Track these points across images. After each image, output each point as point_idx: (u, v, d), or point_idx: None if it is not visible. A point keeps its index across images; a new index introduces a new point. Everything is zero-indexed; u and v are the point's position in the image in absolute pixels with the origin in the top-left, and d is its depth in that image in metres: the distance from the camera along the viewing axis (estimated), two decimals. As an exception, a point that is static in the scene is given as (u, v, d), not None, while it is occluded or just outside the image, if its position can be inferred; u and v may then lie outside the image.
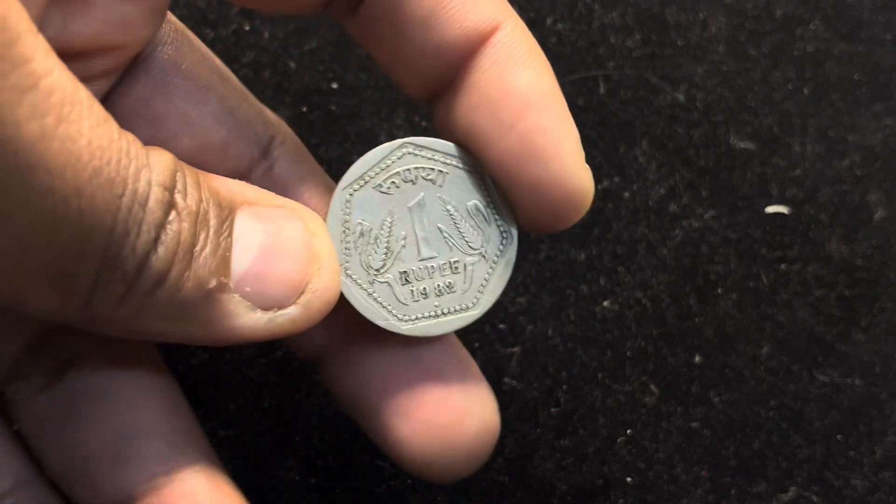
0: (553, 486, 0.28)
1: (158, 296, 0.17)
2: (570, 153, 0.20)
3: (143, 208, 0.17)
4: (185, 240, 0.18)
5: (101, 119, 0.16)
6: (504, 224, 0.22)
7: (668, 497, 0.28)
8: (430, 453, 0.21)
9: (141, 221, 0.17)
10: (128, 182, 0.16)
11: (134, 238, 0.17)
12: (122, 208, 0.16)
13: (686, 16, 0.32)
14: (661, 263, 0.30)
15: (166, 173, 0.17)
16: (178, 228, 0.17)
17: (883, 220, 0.30)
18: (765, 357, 0.29)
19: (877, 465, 0.28)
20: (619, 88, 0.31)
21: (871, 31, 0.32)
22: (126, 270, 0.17)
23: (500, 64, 0.20)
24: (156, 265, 0.17)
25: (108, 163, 0.16)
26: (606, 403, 0.28)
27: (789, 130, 0.31)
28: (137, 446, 0.21)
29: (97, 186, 0.16)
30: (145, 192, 0.17)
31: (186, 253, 0.18)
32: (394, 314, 0.21)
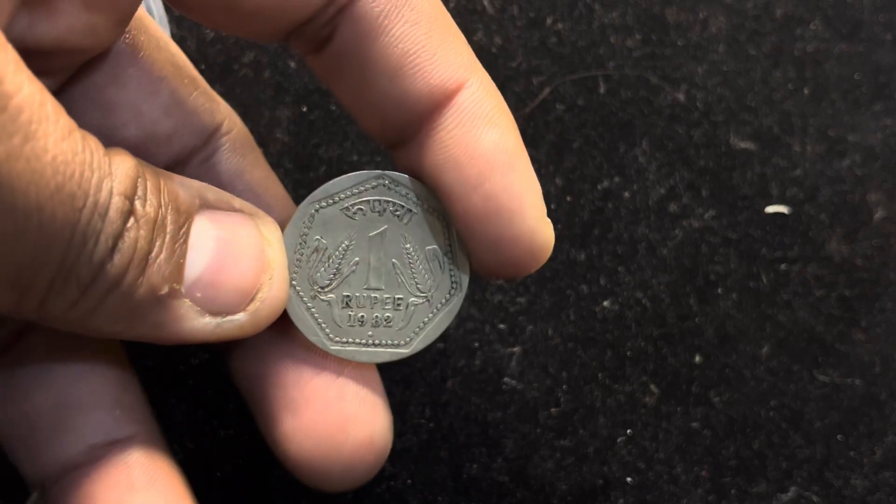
0: (553, 486, 0.28)
1: (111, 300, 0.18)
2: (534, 210, 0.20)
3: (102, 219, 0.17)
4: (142, 247, 0.18)
5: (66, 132, 0.16)
6: (457, 274, 0.22)
7: (668, 497, 0.28)
8: (310, 453, 0.21)
9: (99, 232, 0.17)
10: (89, 194, 0.17)
11: (91, 247, 0.17)
12: (81, 220, 0.17)
13: (686, 16, 0.32)
14: (661, 263, 0.30)
15: (127, 181, 0.17)
16: (135, 236, 0.18)
17: (883, 220, 0.30)
18: (765, 357, 0.29)
19: (877, 465, 0.28)
20: (619, 88, 0.31)
21: (871, 31, 0.32)
22: (81, 277, 0.17)
23: (466, 124, 0.20)
24: (111, 272, 0.17)
25: (70, 177, 0.16)
26: (606, 403, 0.28)
27: (789, 130, 0.31)
28: (78, 417, 0.21)
29: (58, 202, 0.16)
30: (105, 203, 0.17)
31: (141, 260, 0.18)
32: (326, 333, 0.22)
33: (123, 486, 0.21)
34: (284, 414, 0.21)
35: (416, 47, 0.20)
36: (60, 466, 0.21)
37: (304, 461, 0.21)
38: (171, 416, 0.27)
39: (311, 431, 0.21)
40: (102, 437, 0.21)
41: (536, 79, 0.31)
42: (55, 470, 0.21)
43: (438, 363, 0.28)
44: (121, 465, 0.21)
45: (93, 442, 0.21)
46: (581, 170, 0.30)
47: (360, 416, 0.22)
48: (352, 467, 0.22)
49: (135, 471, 0.21)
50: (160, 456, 0.22)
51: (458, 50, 0.21)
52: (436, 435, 0.28)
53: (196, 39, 0.30)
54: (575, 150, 0.30)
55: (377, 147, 0.30)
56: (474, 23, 0.31)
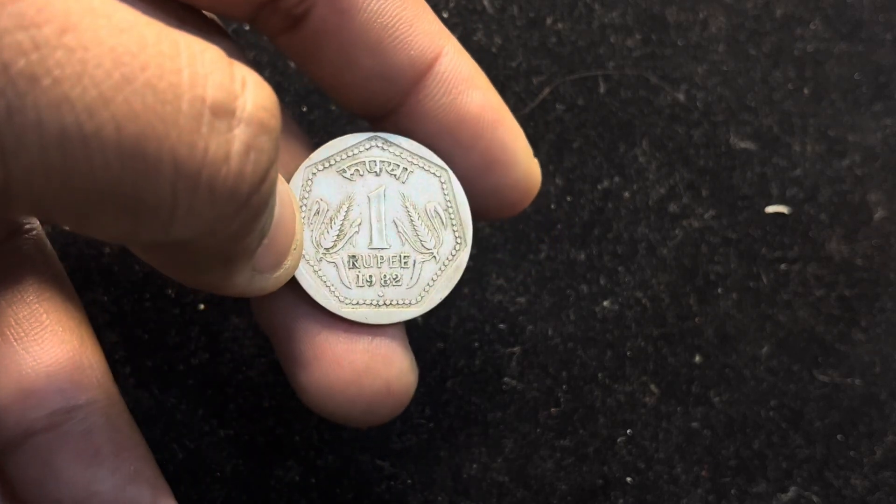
0: (553, 486, 0.28)
1: (243, 242, 0.17)
2: (525, 155, 0.22)
3: (227, 120, 0.15)
4: (271, 192, 0.17)
5: (126, 25, 0.14)
6: (460, 229, 0.22)
7: (668, 497, 0.28)
8: (326, 404, 0.22)
9: (229, 137, 0.15)
10: (182, 90, 0.14)
11: (220, 154, 0.15)
12: (183, 113, 0.14)
13: (686, 16, 0.32)
14: (661, 263, 0.30)
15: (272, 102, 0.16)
16: (274, 179, 0.16)
17: (883, 220, 0.30)
18: (765, 357, 0.29)
19: (877, 465, 0.28)
20: (619, 88, 0.31)
21: (871, 31, 0.32)
22: (217, 193, 0.15)
23: (451, 90, 0.21)
24: (257, 205, 0.16)
25: (142, 68, 0.14)
26: (606, 403, 0.28)
27: (789, 130, 0.31)
28: (37, 382, 0.21)
29: (132, 93, 0.14)
30: (225, 103, 0.15)
31: (268, 204, 0.17)
32: (336, 296, 0.22)
33: (88, 454, 0.21)
34: (297, 369, 0.22)
35: (393, 20, 0.20)
36: (21, 433, 0.21)
37: (323, 410, 0.22)
38: (171, 416, 0.27)
39: (323, 386, 0.21)
40: (63, 403, 0.21)
41: (536, 79, 0.31)
42: (15, 436, 0.21)
43: (438, 363, 0.28)
44: (84, 433, 0.21)
45: (54, 408, 0.21)
46: (581, 170, 0.30)
47: (373, 368, 0.22)
48: (372, 412, 0.22)
49: (98, 438, 0.21)
50: (124, 422, 0.21)
51: (430, 18, 0.21)
52: (436, 435, 0.28)
53: (196, 39, 0.30)
54: (575, 150, 0.30)
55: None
56: (474, 23, 0.31)
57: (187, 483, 0.27)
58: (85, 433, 0.21)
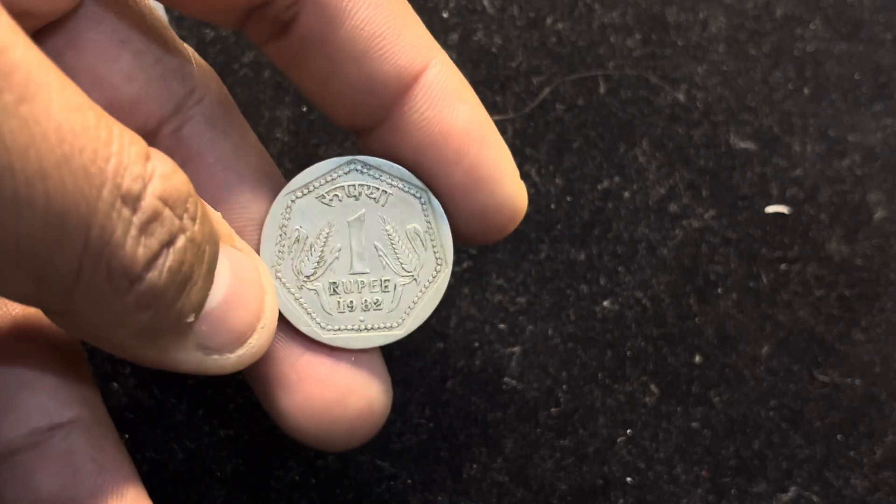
0: (553, 486, 0.28)
1: (144, 311, 0.17)
2: (511, 176, 0.21)
3: (131, 207, 0.16)
4: (188, 267, 0.17)
5: (74, 105, 0.15)
6: (440, 250, 0.22)
7: (668, 497, 0.28)
8: (308, 427, 0.21)
9: (129, 223, 0.16)
10: (106, 176, 0.15)
11: (121, 236, 0.16)
12: (102, 199, 0.15)
13: (686, 16, 0.32)
14: (661, 263, 0.30)
15: (172, 190, 0.17)
16: (182, 254, 0.17)
17: (883, 220, 0.30)
18: (765, 357, 0.29)
19: (877, 465, 0.28)
20: (619, 88, 0.31)
21: (871, 31, 0.32)
22: (113, 269, 0.16)
23: (437, 103, 0.21)
24: (153, 280, 0.17)
25: (80, 151, 0.15)
26: (606, 403, 0.28)
27: (789, 130, 0.31)
28: (19, 398, 0.21)
29: (68, 172, 0.15)
30: (134, 192, 0.16)
31: (186, 280, 0.17)
32: (317, 322, 0.22)
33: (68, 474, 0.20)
34: (279, 392, 0.21)
35: (381, 29, 0.20)
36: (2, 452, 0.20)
37: (304, 434, 0.22)
38: (171, 416, 0.27)
39: (307, 408, 0.21)
40: (45, 421, 0.21)
41: (536, 79, 0.31)
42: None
43: (438, 363, 0.28)
44: (64, 452, 0.20)
45: (35, 426, 0.21)
46: (581, 170, 0.30)
47: (356, 388, 0.22)
48: (352, 434, 0.22)
49: (79, 457, 0.20)
50: (107, 440, 0.21)
51: (418, 30, 0.21)
52: (436, 435, 0.28)
53: (196, 39, 0.30)
54: (575, 150, 0.30)
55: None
56: (474, 23, 0.31)
57: (187, 483, 0.27)
58: (66, 452, 0.20)
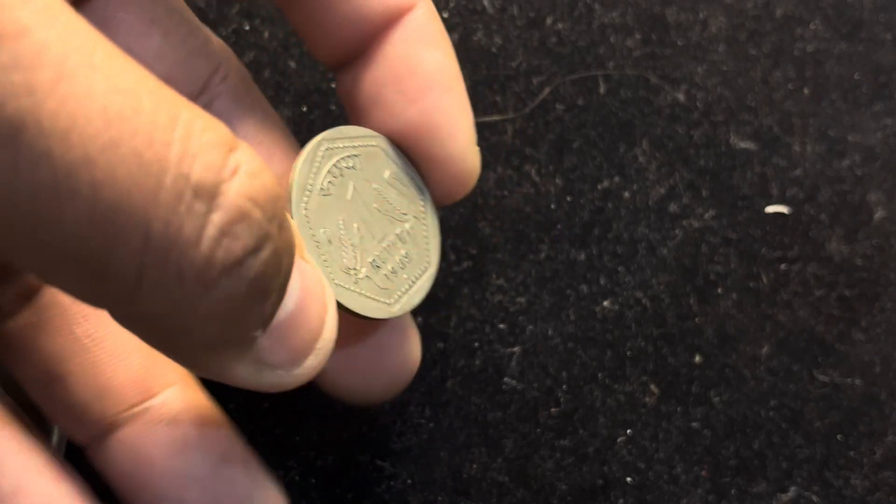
0: (553, 486, 0.28)
1: (213, 324, 0.15)
2: (466, 133, 0.21)
3: (207, 203, 0.14)
4: (266, 280, 0.16)
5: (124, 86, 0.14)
6: (417, 179, 0.22)
7: (668, 497, 0.28)
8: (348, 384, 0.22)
9: (206, 220, 0.14)
10: (167, 164, 0.14)
11: (193, 236, 0.14)
12: (165, 189, 0.14)
13: (686, 16, 0.32)
14: (661, 263, 0.30)
15: (263, 192, 0.15)
16: (265, 265, 0.15)
17: (883, 220, 0.30)
18: (765, 357, 0.29)
19: (877, 465, 0.28)
20: (619, 88, 0.31)
21: (871, 31, 0.32)
22: (184, 272, 0.14)
23: (411, 42, 0.21)
24: (230, 290, 0.15)
25: (132, 135, 0.13)
26: (606, 403, 0.28)
27: (789, 130, 0.31)
28: (115, 377, 0.20)
29: (117, 159, 0.13)
30: (208, 185, 0.14)
31: (263, 293, 0.16)
32: (383, 301, 0.22)
33: (177, 442, 0.20)
34: None
35: None
36: (104, 428, 0.20)
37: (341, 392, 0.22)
38: (171, 416, 0.27)
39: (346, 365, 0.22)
40: (141, 395, 0.20)
41: (536, 79, 0.31)
42: (99, 431, 0.20)
43: (438, 363, 0.28)
44: (169, 422, 0.20)
45: (133, 401, 0.20)
46: (581, 170, 0.30)
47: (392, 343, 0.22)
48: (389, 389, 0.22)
49: (183, 425, 0.20)
50: (204, 405, 0.21)
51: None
52: (436, 435, 0.28)
53: (196, 39, 0.30)
54: (575, 150, 0.30)
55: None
56: (474, 23, 0.31)
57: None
58: (170, 422, 0.20)
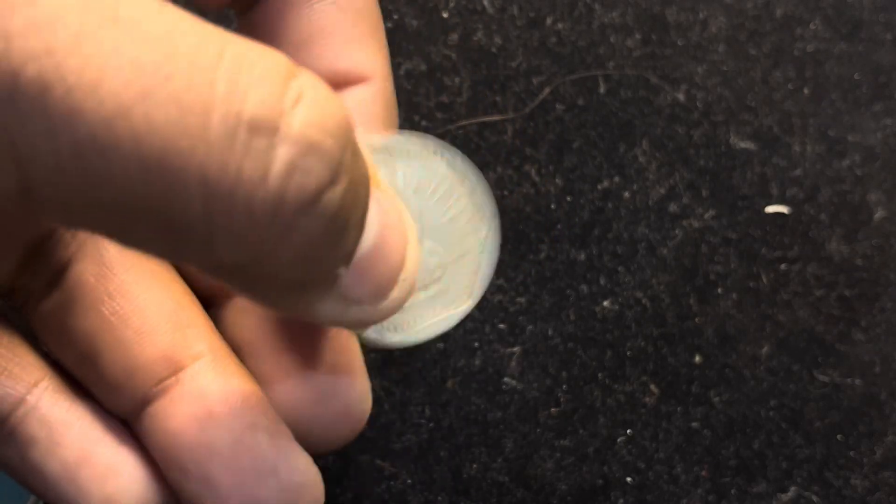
0: (553, 486, 0.28)
1: (296, 267, 0.15)
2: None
3: (267, 138, 0.13)
4: (345, 214, 0.15)
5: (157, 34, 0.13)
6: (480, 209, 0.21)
7: (668, 497, 0.28)
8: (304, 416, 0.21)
9: (270, 156, 0.13)
10: (212, 103, 0.13)
11: (257, 174, 0.13)
12: (212, 129, 0.13)
13: (686, 16, 0.32)
14: (661, 263, 0.30)
15: (332, 120, 0.14)
16: (342, 198, 0.14)
17: (883, 220, 0.30)
18: (765, 357, 0.29)
19: (877, 465, 0.28)
20: (619, 88, 0.31)
21: (871, 31, 0.32)
22: (256, 215, 0.14)
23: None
24: (308, 228, 0.14)
25: (167, 79, 0.13)
26: (606, 403, 0.28)
27: (789, 130, 0.31)
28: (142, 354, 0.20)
29: (153, 105, 0.13)
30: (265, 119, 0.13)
31: (343, 229, 0.15)
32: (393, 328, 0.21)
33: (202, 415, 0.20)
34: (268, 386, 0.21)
35: None
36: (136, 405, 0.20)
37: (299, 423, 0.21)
38: (171, 416, 0.27)
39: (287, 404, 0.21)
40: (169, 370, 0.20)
41: (536, 79, 0.31)
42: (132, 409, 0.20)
43: (438, 363, 0.28)
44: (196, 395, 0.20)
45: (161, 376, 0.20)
46: (581, 170, 0.30)
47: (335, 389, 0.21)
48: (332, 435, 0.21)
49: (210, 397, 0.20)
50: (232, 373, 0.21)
51: None
52: (436, 435, 0.28)
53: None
54: (575, 150, 0.30)
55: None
56: (474, 23, 0.31)
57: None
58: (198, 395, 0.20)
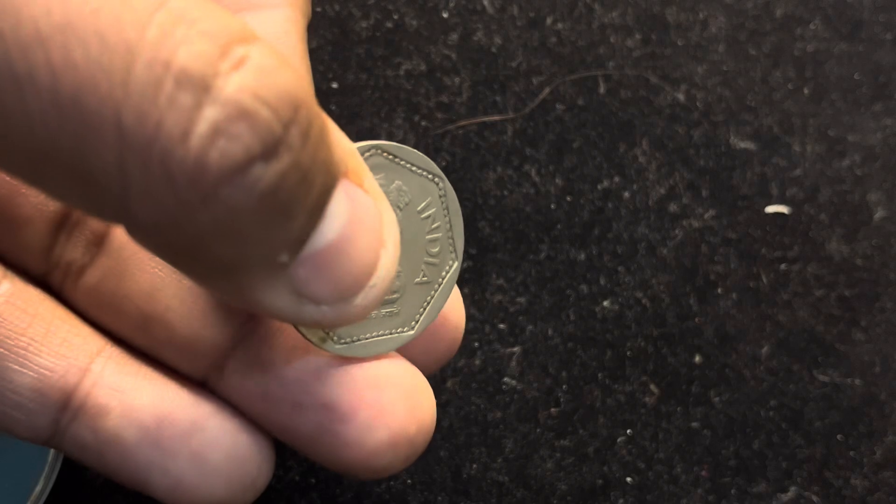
0: (553, 486, 0.28)
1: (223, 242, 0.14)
2: None
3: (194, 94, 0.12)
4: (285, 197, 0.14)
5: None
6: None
7: (668, 497, 0.28)
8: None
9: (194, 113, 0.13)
10: (140, 47, 0.12)
11: (178, 130, 0.12)
12: (134, 74, 0.12)
13: (686, 16, 0.32)
14: (661, 263, 0.30)
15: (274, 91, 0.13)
16: (279, 177, 0.13)
17: (883, 220, 0.30)
18: (765, 357, 0.29)
19: (877, 465, 0.28)
20: (619, 88, 0.31)
21: (871, 31, 0.32)
22: (172, 173, 0.13)
23: None
24: (232, 200, 0.13)
25: (94, 13, 0.12)
26: (606, 403, 0.28)
27: (789, 130, 0.31)
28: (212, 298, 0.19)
29: (75, 38, 0.12)
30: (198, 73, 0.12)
31: (282, 212, 0.14)
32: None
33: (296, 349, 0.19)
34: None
35: None
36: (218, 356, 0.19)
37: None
38: (171, 416, 0.27)
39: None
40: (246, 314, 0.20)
41: (536, 79, 0.31)
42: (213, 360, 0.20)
43: (438, 363, 0.28)
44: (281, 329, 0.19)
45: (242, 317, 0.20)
46: (581, 170, 0.30)
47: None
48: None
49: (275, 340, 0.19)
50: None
51: None
52: (436, 435, 0.28)
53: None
54: (575, 150, 0.30)
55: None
56: (474, 23, 0.31)
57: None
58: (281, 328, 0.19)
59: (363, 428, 0.18)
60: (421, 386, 0.19)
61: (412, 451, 0.19)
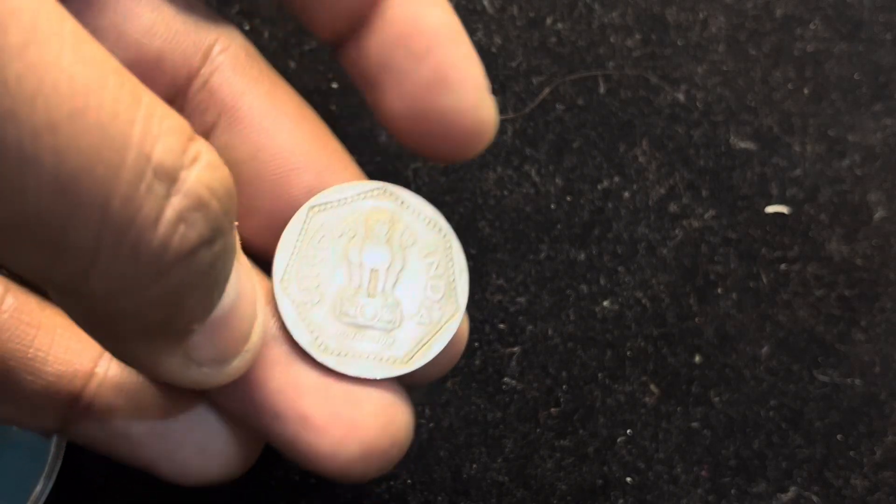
0: (553, 486, 0.28)
1: (160, 310, 0.15)
2: (479, 82, 0.21)
3: (167, 186, 0.14)
4: (215, 273, 0.16)
5: (91, 59, 0.14)
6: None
7: (668, 497, 0.28)
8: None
9: (165, 203, 0.14)
10: (131, 140, 0.14)
11: (152, 217, 0.14)
12: (126, 166, 0.14)
13: (686, 16, 0.32)
14: (661, 263, 0.30)
15: (222, 185, 0.15)
16: (216, 257, 0.15)
17: (883, 220, 0.30)
18: (765, 357, 0.29)
19: (877, 465, 0.28)
20: (619, 88, 0.31)
21: (871, 31, 0.32)
22: (141, 254, 0.14)
23: (410, 2, 0.21)
24: (182, 277, 0.15)
25: (98, 107, 0.13)
26: (606, 403, 0.28)
27: (789, 130, 0.31)
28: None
29: (81, 127, 0.13)
30: (168, 168, 0.14)
31: (210, 286, 0.16)
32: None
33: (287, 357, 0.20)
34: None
35: None
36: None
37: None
38: (171, 416, 0.27)
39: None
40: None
41: (536, 79, 0.31)
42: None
43: (438, 363, 0.28)
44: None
45: None
46: (581, 170, 0.30)
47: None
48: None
49: None
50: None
51: None
52: (436, 435, 0.28)
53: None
54: (575, 150, 0.30)
55: (377, 147, 0.30)
56: (474, 23, 0.31)
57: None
58: None
59: (336, 442, 0.20)
60: (397, 401, 0.21)
61: (386, 463, 0.20)
